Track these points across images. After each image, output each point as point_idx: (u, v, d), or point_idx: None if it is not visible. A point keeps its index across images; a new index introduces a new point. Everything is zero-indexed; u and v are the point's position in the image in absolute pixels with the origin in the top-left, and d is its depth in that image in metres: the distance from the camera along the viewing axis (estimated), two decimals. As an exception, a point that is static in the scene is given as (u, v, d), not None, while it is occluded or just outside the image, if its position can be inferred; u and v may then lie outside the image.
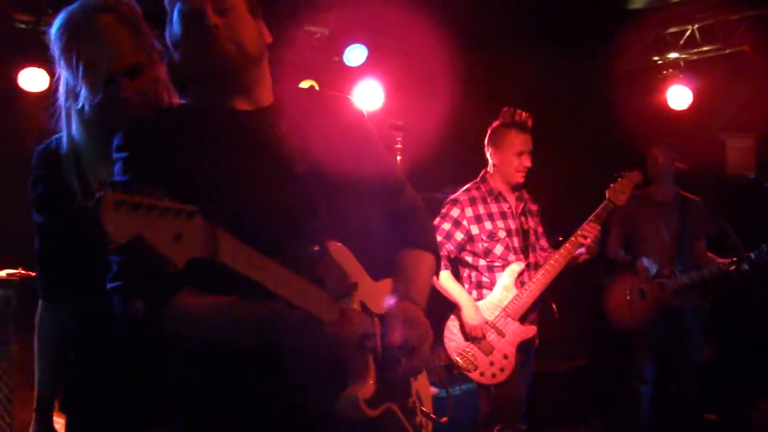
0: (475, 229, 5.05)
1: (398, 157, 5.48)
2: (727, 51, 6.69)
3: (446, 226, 5.08)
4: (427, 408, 2.36)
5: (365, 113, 2.57)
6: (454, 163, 7.19)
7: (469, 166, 7.16)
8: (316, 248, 1.99)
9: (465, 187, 5.26)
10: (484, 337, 4.93)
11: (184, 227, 1.57)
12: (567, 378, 6.52)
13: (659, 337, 6.01)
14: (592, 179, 4.99)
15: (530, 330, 5.06)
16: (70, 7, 2.49)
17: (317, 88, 6.52)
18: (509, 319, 4.97)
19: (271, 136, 2.27)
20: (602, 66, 7.45)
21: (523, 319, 5.03)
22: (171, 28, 2.30)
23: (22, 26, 5.48)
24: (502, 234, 5.04)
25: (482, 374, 4.95)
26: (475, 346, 4.95)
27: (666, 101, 7.05)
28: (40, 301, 2.75)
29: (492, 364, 4.95)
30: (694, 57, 6.97)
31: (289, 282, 1.85)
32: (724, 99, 7.05)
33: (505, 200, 5.16)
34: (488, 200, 5.14)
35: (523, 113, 5.17)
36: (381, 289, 2.29)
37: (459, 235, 5.05)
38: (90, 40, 2.42)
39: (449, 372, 5.01)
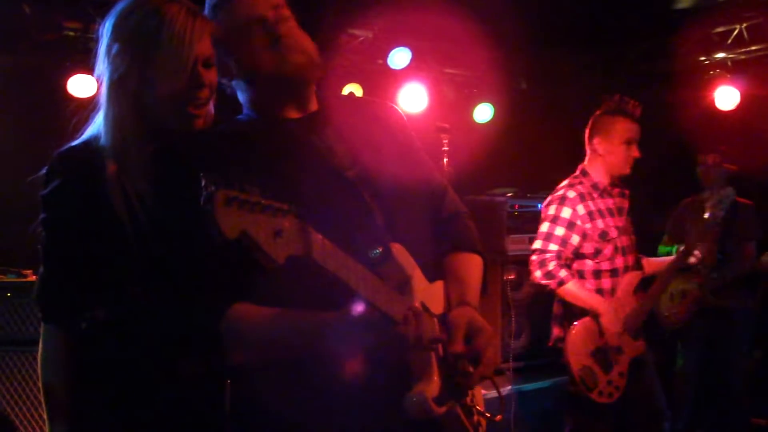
0: (589, 228, 4.67)
1: (444, 160, 5.46)
2: (775, 50, 6.61)
3: (560, 231, 4.69)
4: (479, 407, 2.37)
5: (406, 118, 2.59)
6: (499, 165, 7.19)
7: (514, 168, 7.16)
8: (380, 249, 2.01)
9: (566, 183, 4.86)
10: (616, 348, 4.58)
11: (282, 225, 1.59)
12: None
13: (704, 337, 6.01)
14: (638, 179, 4.93)
15: (640, 346, 4.70)
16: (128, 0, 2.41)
17: (360, 92, 6.56)
18: (625, 333, 4.63)
19: (319, 143, 2.29)
20: (648, 67, 7.40)
21: (635, 335, 4.69)
22: (224, 32, 2.32)
23: (71, 33, 5.55)
24: (613, 234, 4.68)
25: (600, 394, 4.57)
26: (596, 363, 4.59)
27: (713, 102, 6.98)
28: (42, 329, 2.50)
29: (609, 383, 4.59)
30: (742, 57, 6.86)
31: (367, 281, 1.88)
32: (772, 99, 6.98)
33: (610, 195, 4.80)
34: (595, 196, 4.76)
35: (632, 101, 4.81)
36: (435, 291, 2.30)
37: (575, 239, 4.68)
38: (168, 28, 2.32)
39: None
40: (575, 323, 4.65)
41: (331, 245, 1.75)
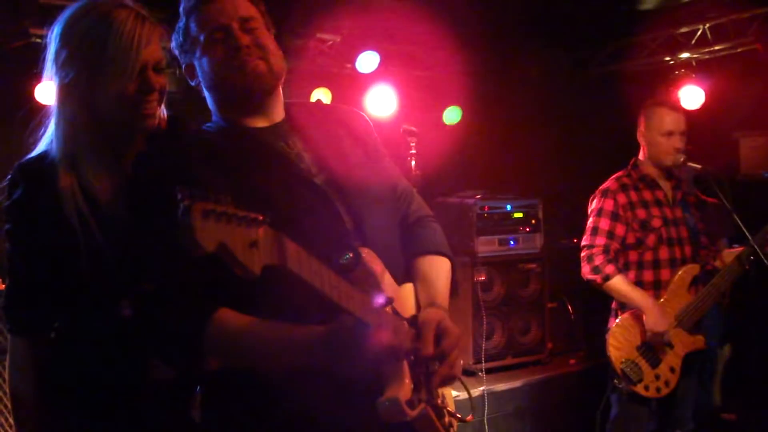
0: (630, 217, 4.70)
1: (412, 163, 5.47)
2: (739, 50, 6.65)
3: (605, 223, 4.72)
4: (450, 408, 2.39)
5: (371, 123, 2.61)
6: (468, 167, 7.22)
7: (484, 170, 7.18)
8: (351, 255, 2.01)
9: (615, 176, 4.91)
10: (663, 346, 4.55)
11: (257, 235, 1.58)
12: (581, 378, 6.48)
13: None
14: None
15: (698, 341, 4.68)
16: (77, 6, 2.43)
17: (330, 95, 6.57)
18: (679, 328, 4.60)
19: (286, 151, 2.31)
20: (615, 67, 7.46)
21: (692, 330, 4.66)
22: (190, 39, 2.32)
23: (39, 41, 5.51)
24: (656, 223, 4.67)
25: (646, 387, 4.58)
26: (642, 357, 4.60)
27: (678, 101, 7.04)
28: (9, 340, 2.52)
29: (657, 377, 4.59)
30: (706, 56, 6.93)
31: (340, 288, 1.88)
32: (736, 98, 7.04)
33: (659, 188, 4.81)
34: (640, 187, 4.79)
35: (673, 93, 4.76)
36: (404, 294, 2.32)
37: (621, 229, 4.70)
38: (116, 33, 2.33)
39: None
40: (620, 316, 4.69)
41: (305, 254, 1.75)
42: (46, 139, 2.47)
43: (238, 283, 1.61)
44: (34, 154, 2.49)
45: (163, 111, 2.55)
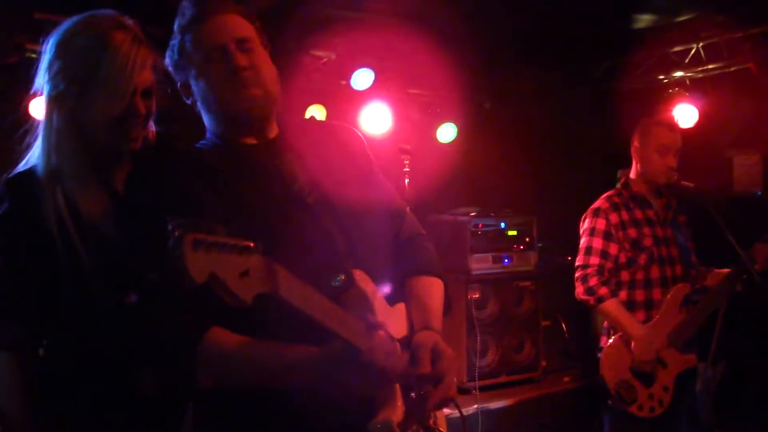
0: (621, 236, 4.67)
1: (406, 181, 5.47)
2: (732, 69, 6.67)
3: (597, 243, 4.69)
4: (442, 429, 2.38)
5: (365, 141, 2.60)
6: (462, 184, 7.22)
7: (478, 188, 7.18)
8: (343, 277, 2.00)
9: (605, 195, 4.87)
10: (657, 363, 4.55)
11: (248, 264, 1.57)
12: (575, 396, 6.47)
13: None
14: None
15: (690, 359, 4.68)
16: (76, 19, 2.44)
17: (324, 112, 6.56)
18: (672, 347, 4.59)
19: (280, 169, 2.29)
20: (609, 85, 7.48)
21: (683, 348, 4.64)
22: (186, 57, 2.30)
23: (34, 56, 5.49)
24: (647, 242, 4.64)
25: (640, 408, 4.54)
26: (635, 377, 4.56)
27: (674, 121, 7.05)
28: None
29: (651, 396, 4.56)
30: (700, 75, 6.95)
31: (332, 313, 1.86)
32: (730, 116, 7.05)
33: (650, 206, 4.78)
34: (631, 206, 4.76)
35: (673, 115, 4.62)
36: (397, 315, 2.31)
37: (614, 248, 4.67)
38: (111, 55, 2.34)
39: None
40: (613, 336, 4.67)
41: (296, 280, 1.74)
42: (34, 153, 2.47)
43: (228, 309, 1.60)
44: (21, 168, 2.50)
45: (151, 126, 2.56)
